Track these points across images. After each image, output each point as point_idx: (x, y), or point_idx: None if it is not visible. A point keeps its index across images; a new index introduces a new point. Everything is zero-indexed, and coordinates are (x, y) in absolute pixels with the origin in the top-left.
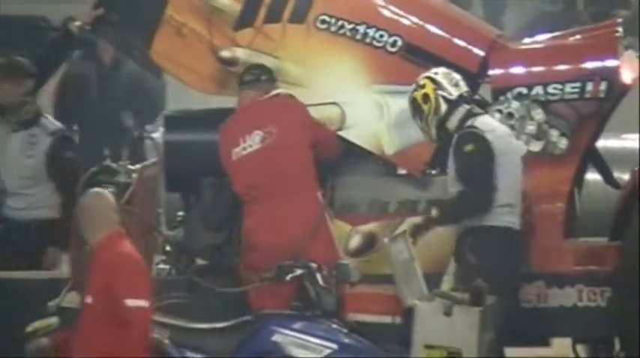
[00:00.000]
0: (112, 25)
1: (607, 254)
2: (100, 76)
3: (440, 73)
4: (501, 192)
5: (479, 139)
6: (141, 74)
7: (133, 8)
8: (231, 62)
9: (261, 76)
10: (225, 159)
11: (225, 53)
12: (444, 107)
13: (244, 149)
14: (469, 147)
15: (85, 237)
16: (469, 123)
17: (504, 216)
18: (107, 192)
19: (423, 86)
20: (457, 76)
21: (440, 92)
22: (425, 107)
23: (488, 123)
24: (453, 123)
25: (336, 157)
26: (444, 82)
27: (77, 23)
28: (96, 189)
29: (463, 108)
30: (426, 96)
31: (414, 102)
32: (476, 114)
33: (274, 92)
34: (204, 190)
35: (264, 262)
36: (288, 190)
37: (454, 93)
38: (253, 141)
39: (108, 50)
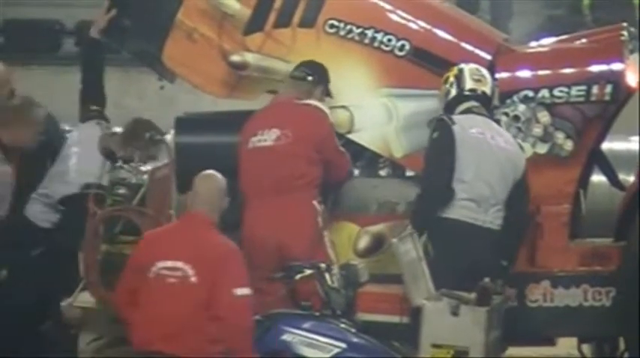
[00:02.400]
0: (124, 31)
1: (612, 254)
2: None
3: (471, 65)
4: (468, 185)
5: (444, 128)
6: None
7: (144, 13)
8: (241, 66)
9: (308, 76)
10: (242, 147)
11: (236, 57)
12: (452, 93)
13: (259, 141)
14: (434, 135)
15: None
16: (454, 114)
17: (466, 210)
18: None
19: (451, 71)
20: (484, 74)
21: (458, 80)
22: (443, 87)
23: (469, 119)
24: (457, 112)
25: (341, 182)
26: (467, 73)
27: (93, 29)
28: (212, 173)
29: (469, 104)
30: (446, 79)
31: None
32: (473, 113)
33: (310, 102)
34: None
35: (258, 256)
36: (284, 192)
37: (468, 85)
38: (269, 137)
39: None
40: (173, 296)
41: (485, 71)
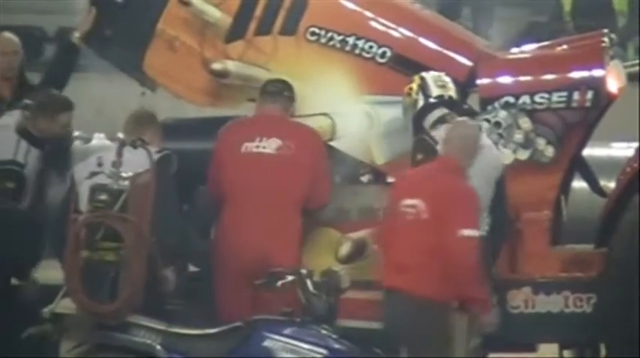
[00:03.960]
0: (106, 39)
1: (593, 260)
2: None
3: (432, 73)
4: None
5: (428, 150)
6: None
7: (125, 22)
8: (222, 74)
9: (284, 91)
10: (229, 151)
11: (217, 66)
12: (420, 103)
13: (257, 147)
14: (419, 157)
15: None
16: (432, 130)
17: None
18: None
19: (412, 81)
20: (447, 80)
21: (423, 90)
22: (407, 99)
23: None
24: (428, 122)
25: (318, 210)
26: (430, 82)
27: (77, 35)
28: (466, 120)
29: (440, 111)
30: (410, 90)
31: (403, 94)
32: (448, 122)
33: (304, 124)
34: (198, 198)
35: (237, 262)
36: (276, 200)
37: (435, 93)
38: (269, 145)
39: None
40: (408, 233)
41: (446, 77)
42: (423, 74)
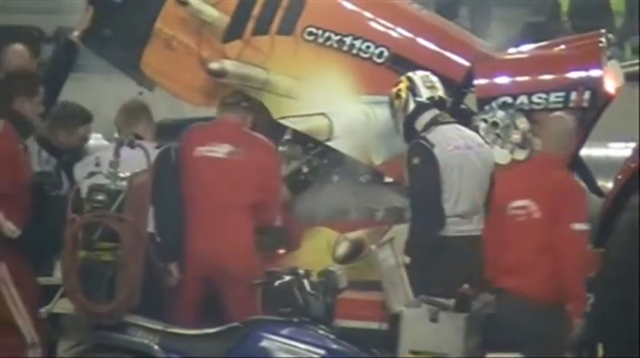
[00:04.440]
0: (104, 38)
1: (590, 260)
2: None
3: (418, 74)
4: (453, 203)
5: (425, 153)
6: None
7: (123, 21)
8: (220, 74)
9: (241, 101)
10: (186, 154)
11: (214, 65)
12: (411, 106)
13: (208, 151)
14: (415, 160)
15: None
16: (426, 132)
17: (452, 225)
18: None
19: (400, 82)
20: (435, 80)
21: (412, 91)
22: (396, 102)
23: (444, 136)
24: (420, 124)
25: (267, 225)
26: (419, 83)
27: (76, 33)
28: (563, 114)
29: (432, 112)
30: (399, 93)
31: (390, 97)
32: (441, 123)
33: (261, 136)
34: None
35: (199, 267)
36: (225, 205)
37: (425, 95)
38: (220, 149)
39: None
40: (520, 234)
41: (433, 76)
42: (410, 75)
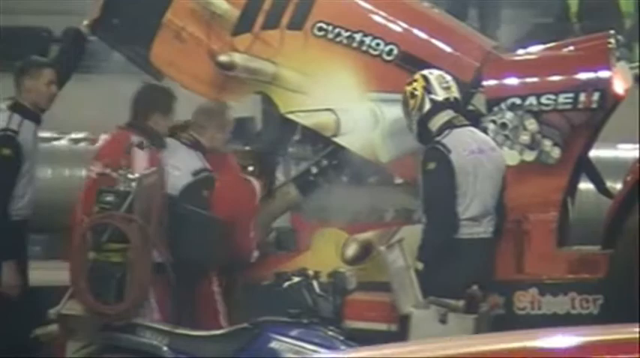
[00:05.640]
0: (113, 29)
1: (599, 262)
2: None
3: (434, 73)
4: (465, 207)
5: (442, 159)
6: None
7: (133, 12)
8: (229, 67)
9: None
10: None
11: (224, 58)
12: (427, 106)
13: None
14: (431, 165)
15: None
16: (442, 136)
17: (464, 228)
18: None
19: (415, 81)
20: (450, 80)
21: (427, 91)
22: (411, 102)
23: (459, 140)
24: (434, 125)
25: (240, 253)
26: (434, 83)
27: (86, 22)
28: None
29: (447, 114)
30: (414, 91)
31: (404, 95)
32: (456, 126)
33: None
34: None
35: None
36: None
37: (441, 95)
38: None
39: None
40: None
41: (448, 76)
42: (425, 73)
